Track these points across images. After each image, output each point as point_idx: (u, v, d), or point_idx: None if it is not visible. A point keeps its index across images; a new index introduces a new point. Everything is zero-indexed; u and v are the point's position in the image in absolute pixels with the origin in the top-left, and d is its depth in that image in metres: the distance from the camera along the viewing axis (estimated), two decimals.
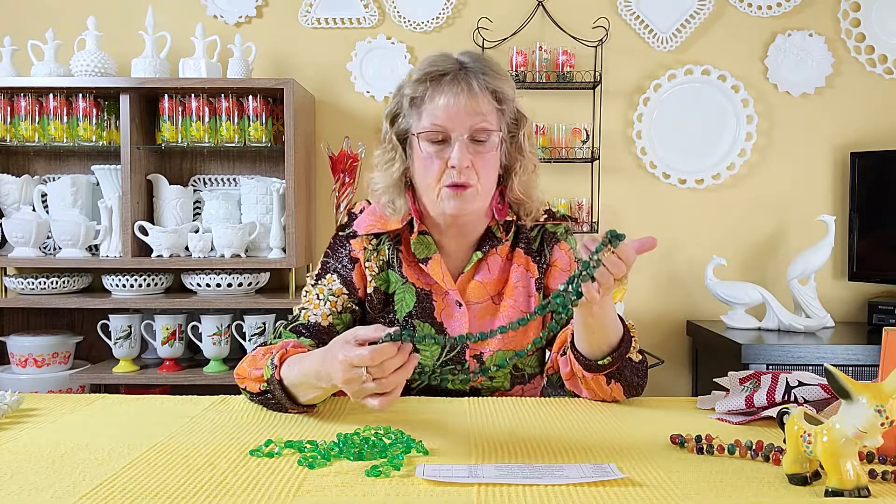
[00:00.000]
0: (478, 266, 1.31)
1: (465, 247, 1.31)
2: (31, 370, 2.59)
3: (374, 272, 1.30)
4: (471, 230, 1.30)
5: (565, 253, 1.33)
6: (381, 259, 1.30)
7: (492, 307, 1.29)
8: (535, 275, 1.31)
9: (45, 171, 2.85)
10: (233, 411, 1.11)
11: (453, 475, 0.80)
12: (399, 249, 1.31)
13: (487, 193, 1.25)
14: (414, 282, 1.30)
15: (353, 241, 1.31)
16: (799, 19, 2.84)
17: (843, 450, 0.73)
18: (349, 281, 1.29)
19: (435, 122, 1.19)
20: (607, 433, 0.99)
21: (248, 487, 0.77)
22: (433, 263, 1.29)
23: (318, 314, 1.26)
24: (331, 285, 1.29)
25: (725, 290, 2.65)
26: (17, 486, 0.77)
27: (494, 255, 1.31)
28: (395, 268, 1.30)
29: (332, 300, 1.28)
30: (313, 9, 2.85)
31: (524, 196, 1.30)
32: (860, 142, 2.85)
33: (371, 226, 1.31)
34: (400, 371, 0.92)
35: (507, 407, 1.14)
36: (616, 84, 2.86)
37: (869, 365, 2.36)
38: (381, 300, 1.30)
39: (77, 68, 2.57)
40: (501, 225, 1.31)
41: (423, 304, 1.28)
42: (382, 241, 1.31)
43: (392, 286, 1.30)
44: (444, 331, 1.28)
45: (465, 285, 1.30)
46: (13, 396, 1.09)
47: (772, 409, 1.01)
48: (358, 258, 1.30)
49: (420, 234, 1.29)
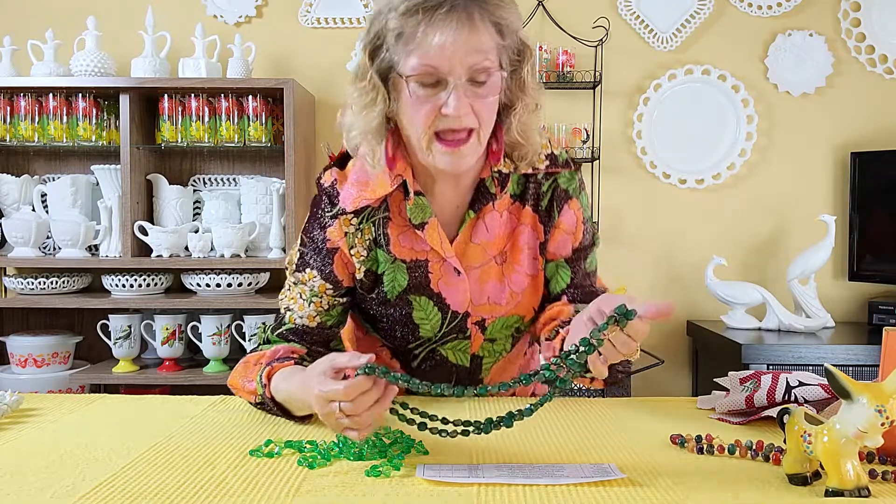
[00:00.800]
0: (474, 226, 1.16)
1: (459, 196, 1.17)
2: (31, 370, 2.59)
3: (363, 256, 1.16)
4: (464, 175, 1.14)
5: (574, 212, 1.19)
6: (366, 239, 1.15)
7: (495, 269, 1.17)
8: (540, 237, 1.19)
9: (45, 171, 2.85)
10: (233, 411, 1.11)
11: (453, 475, 0.80)
12: (387, 220, 1.16)
13: (487, 139, 1.09)
14: (405, 257, 1.16)
15: (330, 230, 1.15)
16: (799, 19, 2.84)
17: (843, 450, 0.73)
18: (332, 276, 1.17)
19: (428, 62, 1.00)
20: (607, 433, 0.99)
21: (247, 487, 0.77)
22: (430, 229, 1.14)
23: (303, 316, 1.17)
24: (312, 283, 1.17)
25: (725, 290, 2.65)
26: (17, 486, 0.77)
27: (491, 213, 1.16)
28: (383, 246, 1.16)
29: (315, 301, 1.17)
30: (313, 9, 2.85)
31: (522, 139, 1.14)
32: (860, 142, 2.85)
33: (358, 197, 1.14)
34: (376, 406, 0.87)
35: (507, 407, 1.14)
36: (616, 84, 2.86)
37: (869, 365, 2.36)
38: (372, 280, 1.17)
39: (77, 68, 2.57)
40: (496, 177, 1.15)
41: (416, 276, 1.16)
42: (366, 216, 1.15)
43: (381, 266, 1.17)
44: (444, 301, 1.17)
45: (463, 249, 1.16)
46: (13, 396, 1.09)
47: (772, 409, 1.01)
48: (337, 247, 1.16)
49: (416, 196, 1.13)
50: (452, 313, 1.17)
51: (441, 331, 1.19)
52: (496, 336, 1.21)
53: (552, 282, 1.20)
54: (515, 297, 1.18)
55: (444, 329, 1.19)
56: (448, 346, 1.21)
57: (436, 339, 1.20)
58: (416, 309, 1.17)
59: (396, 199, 1.16)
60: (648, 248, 2.89)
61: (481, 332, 1.20)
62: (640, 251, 2.89)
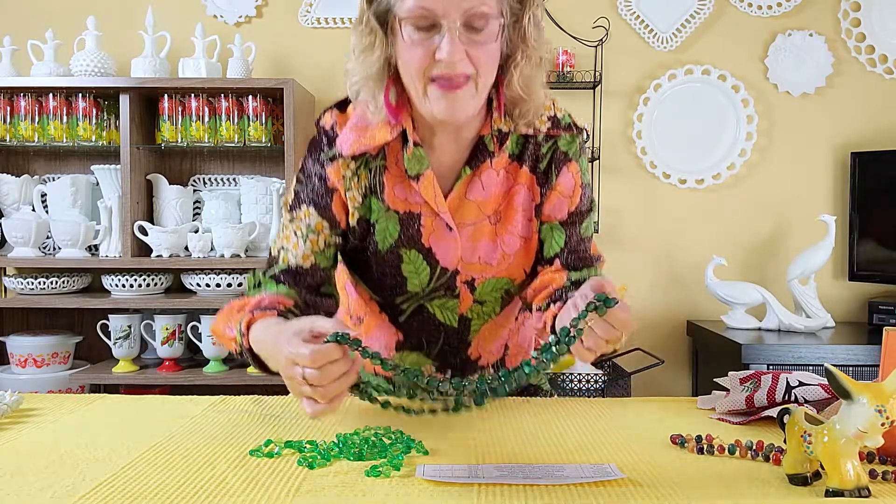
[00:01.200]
0: (470, 181, 1.14)
1: (457, 151, 1.15)
2: (31, 370, 2.59)
3: (358, 202, 1.14)
4: (465, 127, 1.12)
5: (573, 176, 1.17)
6: (362, 185, 1.13)
7: (488, 228, 1.15)
8: (536, 199, 1.16)
9: (45, 171, 2.85)
10: (233, 411, 1.11)
11: (453, 475, 0.80)
12: (384, 169, 1.14)
13: (484, 90, 1.06)
14: (398, 208, 1.14)
15: (329, 169, 1.13)
16: (799, 19, 2.84)
17: (843, 450, 0.73)
18: (329, 213, 1.14)
19: (422, 4, 0.99)
20: (607, 433, 0.99)
21: (247, 487, 0.77)
22: (425, 182, 1.12)
23: (298, 255, 1.13)
24: (308, 220, 1.14)
25: (726, 291, 2.65)
26: (17, 486, 0.77)
27: (488, 170, 1.14)
28: (378, 194, 1.14)
29: (311, 238, 1.13)
30: (313, 9, 2.85)
31: (524, 93, 1.10)
32: (860, 142, 2.85)
33: (356, 143, 1.12)
34: (341, 379, 0.85)
35: (507, 407, 1.14)
36: (616, 84, 2.86)
37: (869, 365, 2.35)
38: (364, 229, 1.16)
39: (77, 68, 2.57)
40: (495, 135, 1.13)
41: (408, 229, 1.14)
42: (364, 162, 1.13)
43: (374, 215, 1.14)
44: (434, 257, 1.14)
45: (457, 205, 1.14)
46: (13, 396, 1.09)
47: (772, 409, 1.01)
48: (336, 188, 1.14)
49: (414, 146, 1.11)
50: (441, 269, 1.15)
51: (429, 286, 1.16)
52: (485, 298, 1.19)
53: (546, 244, 1.18)
54: (507, 258, 1.16)
55: (433, 285, 1.16)
56: (436, 303, 1.18)
57: (423, 295, 1.17)
58: (406, 262, 1.15)
59: (394, 150, 1.14)
60: (648, 248, 2.89)
61: (470, 293, 1.17)
62: (640, 251, 2.89)
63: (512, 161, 1.16)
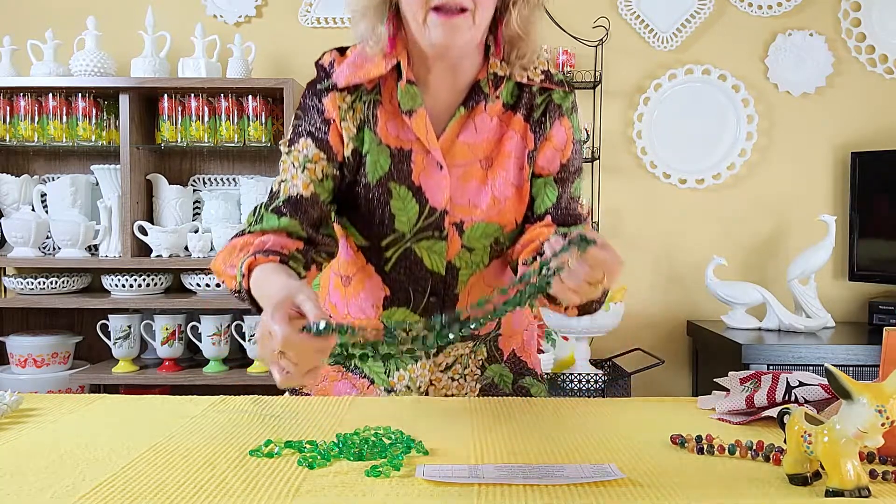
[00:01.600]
0: (463, 124, 1.16)
1: (453, 95, 1.17)
2: (31, 370, 2.59)
3: (353, 133, 1.16)
4: (461, 66, 1.15)
5: (566, 131, 1.19)
6: (357, 117, 1.16)
7: (478, 172, 1.16)
8: (529, 146, 1.18)
9: (45, 171, 2.85)
10: (233, 411, 1.11)
11: (453, 475, 0.80)
12: (378, 102, 1.16)
13: (482, 24, 1.09)
14: (390, 142, 1.15)
15: (326, 101, 1.15)
16: (799, 19, 2.84)
17: (843, 450, 0.73)
18: (325, 144, 1.15)
19: None
20: (607, 433, 0.99)
21: (247, 488, 0.77)
22: (417, 118, 1.14)
23: (297, 185, 1.14)
24: (306, 151, 1.15)
25: (726, 291, 2.65)
26: (16, 486, 0.77)
27: (482, 115, 1.16)
28: (371, 126, 1.15)
29: (309, 167, 1.14)
30: (313, 9, 2.85)
31: (522, 33, 1.13)
32: (860, 142, 2.85)
33: (352, 75, 1.15)
34: (314, 357, 0.85)
35: (507, 407, 1.14)
36: (616, 84, 2.86)
37: (869, 365, 2.35)
38: (356, 162, 1.17)
39: (76, 68, 2.57)
40: (491, 79, 1.16)
41: (399, 165, 1.15)
42: (359, 95, 1.16)
43: (366, 146, 1.16)
44: (423, 195, 1.15)
45: (449, 145, 1.16)
46: (13, 396, 1.09)
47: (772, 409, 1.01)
48: (332, 119, 1.15)
49: (407, 83, 1.14)
50: (430, 209, 1.15)
51: (417, 225, 1.16)
52: (474, 245, 1.18)
53: (538, 200, 1.19)
54: (498, 203, 1.16)
55: (420, 224, 1.16)
56: (423, 246, 1.17)
57: (411, 236, 1.17)
58: (395, 198, 1.15)
59: (389, 87, 1.16)
60: (648, 248, 2.89)
61: (459, 236, 1.17)
62: (640, 251, 2.89)
63: (506, 110, 1.18)
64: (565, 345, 2.58)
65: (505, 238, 1.19)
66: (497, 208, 1.16)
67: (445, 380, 1.22)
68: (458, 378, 1.22)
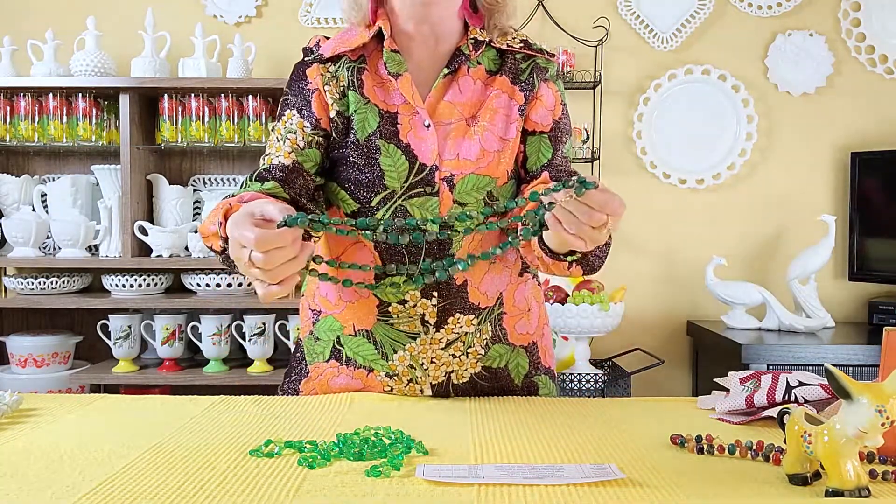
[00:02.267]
0: (447, 85, 1.20)
1: (435, 63, 1.21)
2: (31, 370, 2.59)
3: (336, 97, 1.19)
4: (442, 34, 1.20)
5: (553, 93, 1.24)
6: (340, 85, 1.19)
7: (464, 128, 1.18)
8: (519, 102, 1.21)
9: (45, 171, 2.85)
10: (233, 411, 1.11)
11: (453, 475, 0.80)
12: (363, 69, 1.20)
13: None
14: (377, 103, 1.19)
15: (309, 71, 1.20)
16: (799, 19, 2.84)
17: (843, 450, 0.73)
18: (309, 112, 1.19)
19: None
20: (607, 433, 0.99)
21: (247, 488, 0.77)
22: (403, 81, 1.18)
23: (279, 155, 1.18)
24: (289, 122, 1.20)
25: (726, 290, 2.65)
26: (16, 486, 0.77)
27: (466, 77, 1.20)
28: (356, 89, 1.19)
29: (290, 138, 1.18)
30: (313, 9, 2.85)
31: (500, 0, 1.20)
32: (860, 142, 2.85)
33: (337, 46, 1.20)
34: (290, 263, 0.88)
35: (507, 407, 1.14)
36: (616, 84, 2.86)
37: (869, 365, 2.36)
38: (344, 125, 1.19)
39: (77, 68, 2.57)
40: (471, 43, 1.20)
41: (387, 125, 1.18)
42: (341, 65, 1.20)
43: (352, 107, 1.19)
44: (412, 152, 1.17)
45: (435, 105, 1.19)
46: (13, 396, 1.09)
47: (772, 409, 1.01)
48: (315, 88, 1.20)
49: (390, 52, 1.18)
50: (420, 165, 1.17)
51: (407, 181, 1.17)
52: (466, 200, 1.17)
53: (532, 157, 1.22)
54: (487, 155, 1.18)
55: (411, 180, 1.17)
56: (415, 202, 1.17)
57: (402, 192, 1.17)
58: (384, 155, 1.17)
59: (374, 58, 1.21)
60: (648, 248, 2.89)
61: (450, 190, 1.17)
62: (640, 251, 2.89)
63: (490, 75, 1.22)
64: (565, 345, 2.58)
65: (498, 192, 1.20)
66: (486, 160, 1.18)
67: (446, 357, 1.20)
68: (460, 355, 1.21)
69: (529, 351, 1.27)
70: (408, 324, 1.19)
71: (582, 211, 0.90)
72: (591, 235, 0.93)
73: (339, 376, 1.24)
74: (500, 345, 1.24)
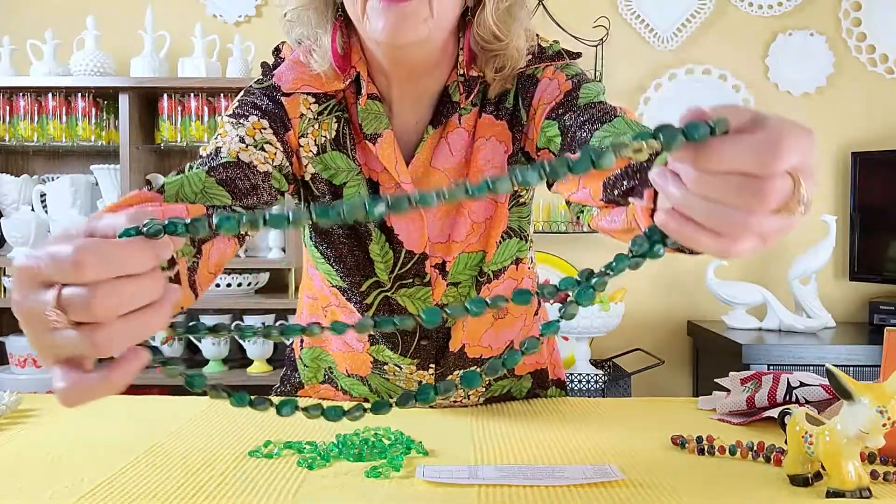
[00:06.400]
0: (435, 146, 0.96)
1: (420, 109, 0.96)
2: (30, 370, 2.59)
3: (312, 153, 0.94)
4: (424, 80, 0.94)
5: (549, 78, 0.96)
6: (322, 135, 0.94)
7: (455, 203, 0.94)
8: (509, 148, 0.96)
9: (44, 171, 2.85)
10: (232, 412, 1.11)
11: (453, 476, 0.79)
12: (350, 122, 0.95)
13: (442, 20, 0.85)
14: (363, 168, 0.96)
15: (287, 100, 0.94)
16: (800, 19, 2.84)
17: (844, 450, 0.73)
18: (283, 140, 0.92)
19: None
20: (607, 433, 0.99)
21: (247, 488, 0.77)
22: (384, 143, 0.93)
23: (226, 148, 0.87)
24: (262, 133, 0.90)
25: (726, 291, 2.65)
26: (15, 486, 0.77)
27: (457, 130, 0.95)
28: (348, 150, 0.95)
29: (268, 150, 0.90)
30: None
31: (499, 33, 0.89)
32: (861, 142, 2.84)
33: (298, 81, 0.93)
34: (141, 315, 0.48)
35: (507, 408, 1.14)
36: (617, 83, 2.86)
37: (870, 365, 2.35)
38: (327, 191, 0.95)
39: (76, 68, 2.57)
40: (461, 82, 0.93)
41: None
42: (328, 108, 0.95)
43: (340, 176, 0.95)
44: (396, 239, 0.97)
45: (421, 173, 0.96)
46: (12, 397, 1.08)
47: (773, 409, 1.01)
48: (292, 125, 0.93)
49: (369, 99, 0.93)
50: (407, 253, 0.98)
51: (394, 273, 0.99)
52: (459, 279, 1.01)
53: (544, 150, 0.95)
54: (478, 228, 0.99)
55: (398, 272, 0.99)
56: (405, 295, 1.01)
57: (389, 287, 1.00)
58: (374, 241, 0.98)
59: (351, 101, 0.96)
60: None
61: (442, 277, 1.00)
62: None
63: (479, 115, 0.97)
64: (565, 345, 2.58)
65: (488, 267, 1.02)
66: (476, 234, 1.00)
67: (447, 403, 1.12)
68: (462, 399, 1.12)
69: (536, 375, 1.19)
70: (405, 382, 1.10)
71: (728, 186, 0.48)
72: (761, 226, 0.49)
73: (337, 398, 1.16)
74: (506, 380, 1.15)
